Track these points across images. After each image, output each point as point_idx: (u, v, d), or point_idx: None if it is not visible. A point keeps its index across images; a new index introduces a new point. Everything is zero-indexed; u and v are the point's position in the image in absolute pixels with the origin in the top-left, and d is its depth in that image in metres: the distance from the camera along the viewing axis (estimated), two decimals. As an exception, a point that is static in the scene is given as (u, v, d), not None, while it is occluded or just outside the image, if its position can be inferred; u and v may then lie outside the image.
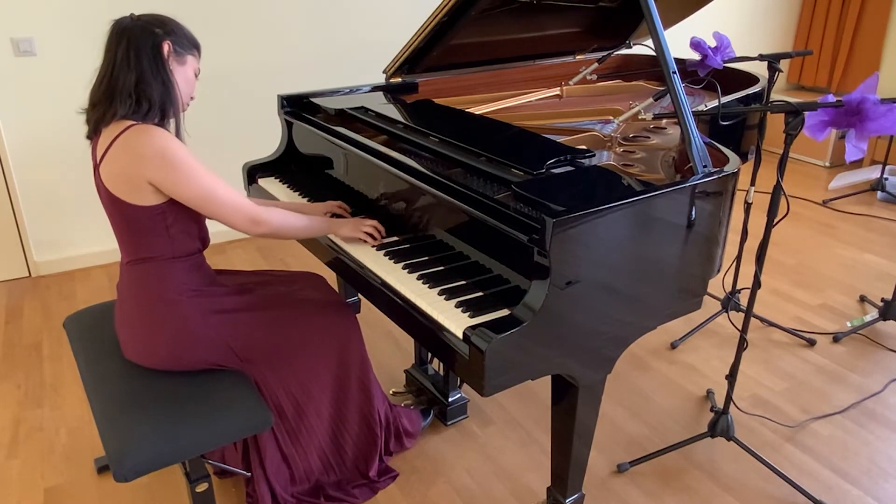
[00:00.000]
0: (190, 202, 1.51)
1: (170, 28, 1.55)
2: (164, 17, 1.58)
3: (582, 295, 1.41)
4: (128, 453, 1.40)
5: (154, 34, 1.52)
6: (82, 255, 3.35)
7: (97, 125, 1.53)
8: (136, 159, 1.46)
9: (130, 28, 1.51)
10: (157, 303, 1.59)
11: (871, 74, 1.83)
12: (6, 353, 2.64)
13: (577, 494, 1.78)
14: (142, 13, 1.56)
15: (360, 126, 2.07)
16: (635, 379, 2.49)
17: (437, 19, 2.09)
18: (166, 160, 1.46)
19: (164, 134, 1.49)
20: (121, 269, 1.66)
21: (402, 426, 2.04)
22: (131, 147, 1.46)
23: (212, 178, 1.51)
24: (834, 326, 2.85)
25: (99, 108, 1.52)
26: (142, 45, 1.50)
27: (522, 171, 1.56)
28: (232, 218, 1.55)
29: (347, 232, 1.78)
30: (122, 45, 1.50)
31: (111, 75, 1.50)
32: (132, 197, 1.50)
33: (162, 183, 1.48)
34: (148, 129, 1.48)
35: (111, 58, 1.51)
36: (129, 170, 1.47)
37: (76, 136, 3.14)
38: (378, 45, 3.71)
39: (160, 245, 1.57)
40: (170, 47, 1.53)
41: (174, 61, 1.55)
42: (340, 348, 1.77)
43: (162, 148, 1.46)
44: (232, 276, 1.82)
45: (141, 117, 1.50)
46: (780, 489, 1.98)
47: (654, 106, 2.21)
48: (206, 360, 1.63)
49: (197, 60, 1.64)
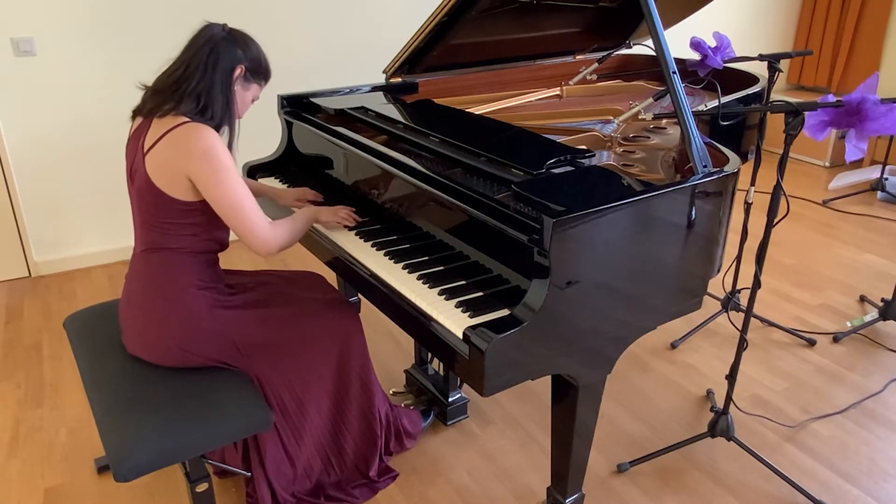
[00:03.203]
0: (217, 205, 1.54)
1: (252, 54, 1.62)
2: (252, 40, 1.65)
3: (582, 295, 1.41)
4: (128, 453, 1.40)
5: (235, 56, 1.59)
6: (82, 255, 3.35)
7: (152, 112, 1.56)
8: (183, 153, 1.50)
9: (219, 40, 1.57)
10: (166, 293, 1.60)
11: (871, 74, 1.83)
12: (6, 353, 2.64)
13: (577, 494, 1.78)
14: (233, 28, 1.63)
15: (360, 126, 2.07)
16: (635, 379, 2.49)
17: (437, 19, 2.09)
18: (209, 158, 1.49)
19: (214, 135, 1.53)
20: (133, 258, 1.68)
21: (402, 426, 2.04)
22: (181, 141, 1.51)
23: (245, 191, 1.55)
24: (834, 326, 2.85)
25: (161, 96, 1.56)
26: (221, 60, 1.57)
27: (522, 171, 1.56)
28: (250, 233, 1.57)
29: (326, 217, 1.83)
30: (205, 50, 1.56)
31: (184, 71, 1.55)
32: (171, 189, 1.54)
33: (198, 179, 1.51)
34: (201, 127, 1.52)
35: (190, 57, 1.56)
36: (173, 162, 1.51)
37: (76, 135, 3.14)
38: (378, 45, 3.71)
39: (182, 240, 1.60)
40: (242, 71, 1.61)
41: (239, 84, 1.62)
42: (342, 346, 1.78)
43: (208, 146, 1.50)
44: (235, 275, 1.83)
45: (199, 119, 1.54)
46: (780, 489, 1.98)
47: (654, 106, 2.20)
48: (208, 355, 1.63)
49: (261, 89, 1.71)
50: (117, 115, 3.20)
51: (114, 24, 3.06)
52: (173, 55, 1.60)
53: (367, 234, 1.81)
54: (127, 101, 3.18)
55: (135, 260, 1.66)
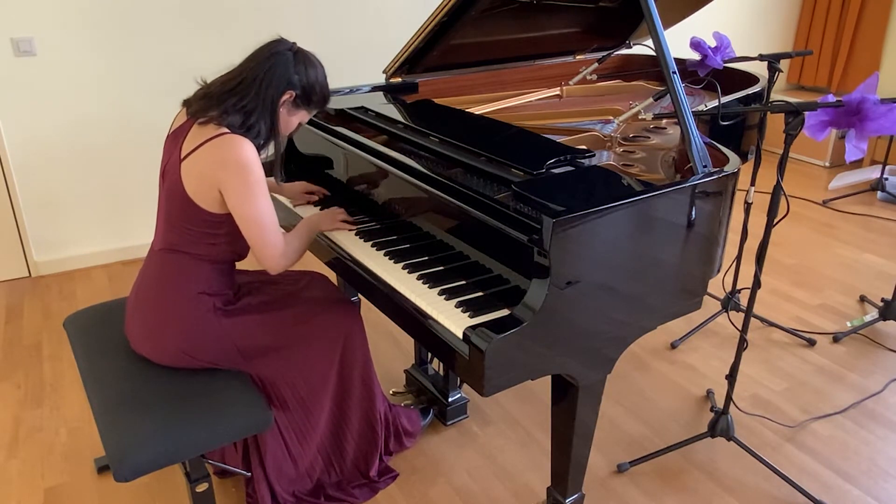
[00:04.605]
0: (240, 219, 1.53)
1: (307, 80, 1.59)
2: (315, 65, 1.61)
3: (582, 295, 1.41)
4: (128, 453, 1.40)
5: (291, 79, 1.56)
6: (82, 255, 3.35)
7: (196, 114, 1.54)
8: (217, 163, 1.49)
9: (281, 59, 1.55)
10: (175, 297, 1.61)
11: (871, 74, 1.83)
12: (6, 353, 2.64)
13: (577, 494, 1.78)
14: (301, 49, 1.60)
15: (360, 126, 2.07)
16: (635, 379, 2.49)
17: (437, 19, 2.09)
18: (243, 171, 1.48)
19: (253, 150, 1.52)
20: (150, 253, 1.68)
21: (401, 426, 2.04)
22: (219, 151, 1.49)
23: (271, 210, 1.55)
24: (834, 326, 2.85)
25: (209, 101, 1.54)
26: (276, 80, 1.55)
27: (522, 171, 1.56)
28: (264, 250, 1.57)
29: (326, 226, 1.82)
30: (266, 66, 1.54)
31: (238, 84, 1.54)
32: (201, 199, 1.53)
33: (228, 191, 1.50)
34: (241, 139, 1.51)
35: (251, 68, 1.55)
36: (208, 172, 1.50)
37: (76, 136, 3.14)
38: (378, 45, 3.71)
39: (202, 247, 1.60)
40: (291, 97, 1.58)
41: (286, 108, 1.60)
42: (344, 345, 1.78)
43: (245, 160, 1.49)
44: (241, 274, 1.83)
45: (241, 132, 1.53)
46: (780, 489, 1.98)
47: (654, 106, 2.20)
48: (211, 360, 1.63)
49: (309, 115, 1.68)
50: (117, 115, 3.19)
51: (114, 24, 3.06)
52: (174, 55, 1.59)
53: (367, 234, 1.81)
54: (127, 101, 3.18)
55: (151, 256, 1.67)
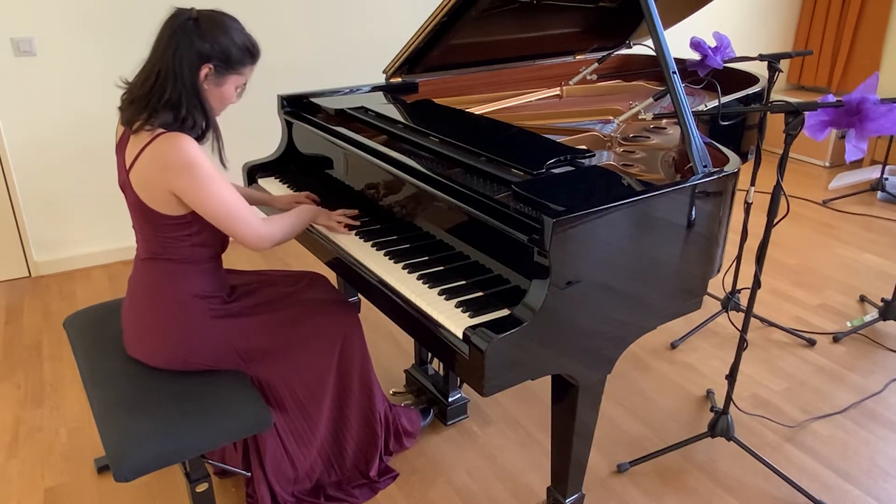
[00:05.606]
0: (206, 214, 1.50)
1: (221, 45, 1.46)
2: (222, 25, 1.47)
3: (582, 295, 1.41)
4: (128, 453, 1.40)
5: (200, 52, 1.44)
6: (82, 255, 3.35)
7: (129, 123, 1.49)
8: (160, 168, 1.44)
9: (184, 35, 1.44)
10: (168, 303, 1.60)
11: (871, 74, 1.83)
12: (6, 353, 2.64)
13: (577, 494, 1.78)
14: (203, 13, 1.47)
15: (360, 126, 2.07)
16: (635, 379, 2.49)
17: (437, 19, 2.09)
18: (186, 169, 1.43)
19: (191, 143, 1.45)
20: (135, 263, 1.66)
21: (401, 426, 2.04)
22: (158, 156, 1.44)
23: (230, 193, 1.50)
24: (834, 326, 2.85)
25: (135, 107, 1.47)
26: (186, 60, 1.44)
27: (522, 171, 1.56)
28: (242, 233, 1.55)
29: (323, 221, 1.81)
30: (171, 50, 1.43)
31: (156, 81, 1.45)
32: (158, 205, 1.50)
33: (183, 193, 1.46)
34: (175, 137, 1.44)
35: (159, 57, 1.45)
36: (153, 178, 1.46)
37: (76, 136, 3.14)
38: (378, 45, 3.71)
39: (181, 251, 1.58)
40: (209, 70, 1.47)
41: (211, 83, 1.50)
42: (342, 346, 1.78)
43: (187, 158, 1.43)
44: (236, 275, 1.83)
45: (177, 127, 1.46)
46: (780, 489, 1.98)
47: (654, 106, 2.20)
48: (209, 363, 1.63)
49: (241, 77, 1.55)
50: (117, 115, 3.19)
51: (114, 23, 3.06)
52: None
53: (367, 234, 1.81)
54: (127, 101, 3.19)
55: (137, 265, 1.66)
